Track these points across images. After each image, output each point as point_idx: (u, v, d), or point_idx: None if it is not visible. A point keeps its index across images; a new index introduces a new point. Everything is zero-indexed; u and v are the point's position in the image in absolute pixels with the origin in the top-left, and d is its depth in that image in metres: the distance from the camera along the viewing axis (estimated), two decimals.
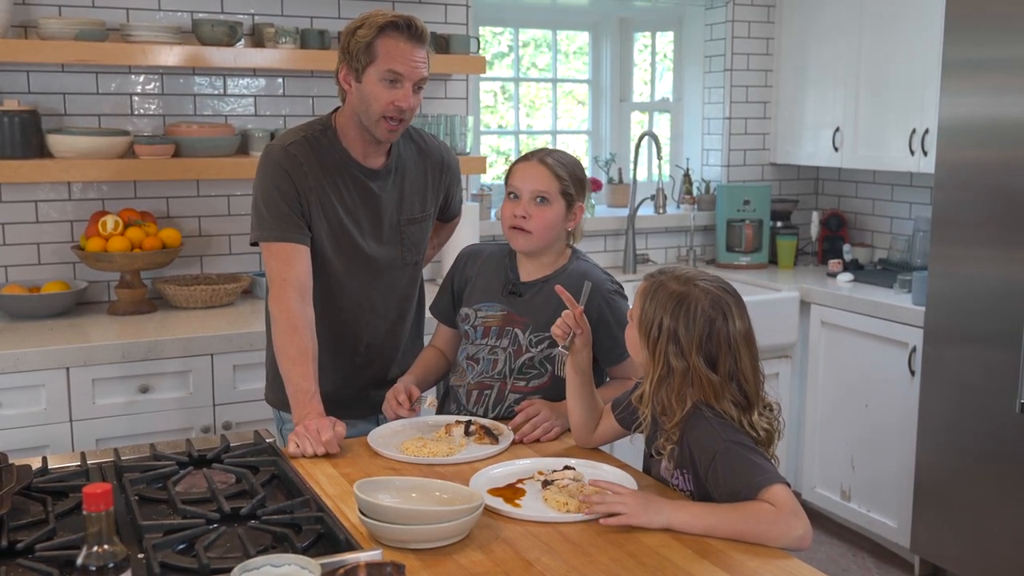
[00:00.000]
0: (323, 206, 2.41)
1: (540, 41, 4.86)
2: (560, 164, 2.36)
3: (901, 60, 4.03)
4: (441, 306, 2.57)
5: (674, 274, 1.95)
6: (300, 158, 2.39)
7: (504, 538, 1.74)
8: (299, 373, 2.26)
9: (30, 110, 3.24)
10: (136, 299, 3.37)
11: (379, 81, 2.33)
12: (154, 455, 2.06)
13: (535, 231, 2.34)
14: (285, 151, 2.40)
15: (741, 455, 1.80)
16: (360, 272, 2.48)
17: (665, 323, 1.88)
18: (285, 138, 2.45)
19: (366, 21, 2.34)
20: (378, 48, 2.31)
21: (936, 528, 3.51)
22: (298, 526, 1.70)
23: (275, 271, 2.36)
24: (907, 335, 3.66)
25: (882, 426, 3.83)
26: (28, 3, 3.31)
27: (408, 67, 2.33)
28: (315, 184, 2.40)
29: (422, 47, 2.36)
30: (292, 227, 2.36)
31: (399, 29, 2.32)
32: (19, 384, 2.86)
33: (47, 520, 1.71)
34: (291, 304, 2.31)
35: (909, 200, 4.48)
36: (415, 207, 2.55)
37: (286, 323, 2.31)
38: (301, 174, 2.38)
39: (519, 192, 2.35)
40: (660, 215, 4.52)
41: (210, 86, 3.63)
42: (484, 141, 4.47)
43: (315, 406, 2.22)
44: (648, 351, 1.92)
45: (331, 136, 2.45)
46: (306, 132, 2.45)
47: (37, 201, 3.42)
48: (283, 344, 2.31)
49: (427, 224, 2.60)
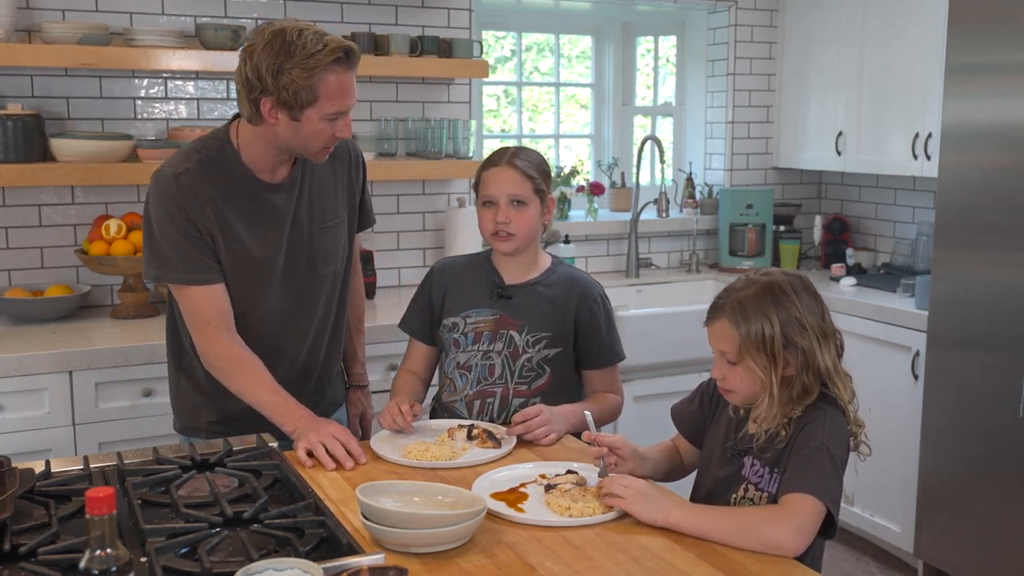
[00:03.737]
0: (224, 235, 2.23)
1: (543, 45, 4.86)
2: (528, 163, 2.35)
3: (903, 64, 4.03)
4: (415, 322, 2.50)
5: (736, 287, 1.90)
6: (194, 189, 2.19)
7: (507, 542, 1.73)
8: (265, 390, 2.21)
9: (33, 114, 3.25)
10: (139, 302, 3.37)
11: (321, 119, 2.14)
12: (157, 459, 2.05)
13: (518, 233, 2.34)
14: (178, 181, 2.18)
15: (821, 461, 1.78)
16: (274, 294, 2.32)
17: (775, 320, 1.83)
18: (176, 163, 2.21)
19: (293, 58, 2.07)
20: (319, 89, 2.10)
21: (940, 533, 3.50)
22: (301, 530, 1.70)
23: (194, 314, 2.23)
24: (910, 339, 3.66)
25: (885, 431, 3.81)
26: (32, 7, 3.32)
27: (351, 100, 2.18)
28: (214, 214, 2.21)
29: (355, 69, 2.18)
30: (201, 267, 2.21)
31: (340, 63, 2.12)
32: (22, 388, 2.86)
33: (50, 524, 1.71)
34: (223, 342, 2.22)
35: (912, 204, 4.47)
36: (326, 213, 2.37)
37: (228, 360, 2.22)
38: (198, 207, 2.19)
39: (495, 199, 2.34)
40: (663, 219, 4.53)
41: (213, 90, 3.63)
42: (487, 145, 4.47)
43: (303, 410, 2.18)
44: (768, 359, 1.84)
45: (229, 153, 2.24)
46: (200, 154, 2.23)
47: (40, 205, 3.42)
48: (237, 379, 2.22)
49: (341, 229, 2.41)
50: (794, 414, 1.86)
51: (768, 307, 1.84)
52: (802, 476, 1.76)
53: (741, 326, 1.84)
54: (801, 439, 1.83)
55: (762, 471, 1.89)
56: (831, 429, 1.82)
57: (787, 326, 1.83)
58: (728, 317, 1.86)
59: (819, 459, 1.78)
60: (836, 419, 1.85)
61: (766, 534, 1.69)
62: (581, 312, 2.38)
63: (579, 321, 2.39)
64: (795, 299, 1.85)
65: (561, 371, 2.38)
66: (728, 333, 1.86)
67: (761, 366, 1.84)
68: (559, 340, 2.38)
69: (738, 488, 1.92)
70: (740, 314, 1.85)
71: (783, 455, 1.85)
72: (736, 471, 1.94)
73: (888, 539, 3.85)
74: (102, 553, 1.30)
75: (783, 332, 1.83)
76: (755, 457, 1.91)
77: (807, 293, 1.88)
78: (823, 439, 1.80)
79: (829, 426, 1.83)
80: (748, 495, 1.91)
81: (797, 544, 1.69)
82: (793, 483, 1.77)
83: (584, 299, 2.39)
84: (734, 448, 1.96)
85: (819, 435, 1.81)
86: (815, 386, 1.86)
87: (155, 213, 2.21)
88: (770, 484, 1.88)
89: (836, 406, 1.87)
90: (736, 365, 1.87)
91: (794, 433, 1.85)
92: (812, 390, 1.85)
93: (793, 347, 1.84)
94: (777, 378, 1.84)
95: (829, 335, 1.88)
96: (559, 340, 2.38)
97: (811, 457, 1.78)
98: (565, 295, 2.39)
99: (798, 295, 1.86)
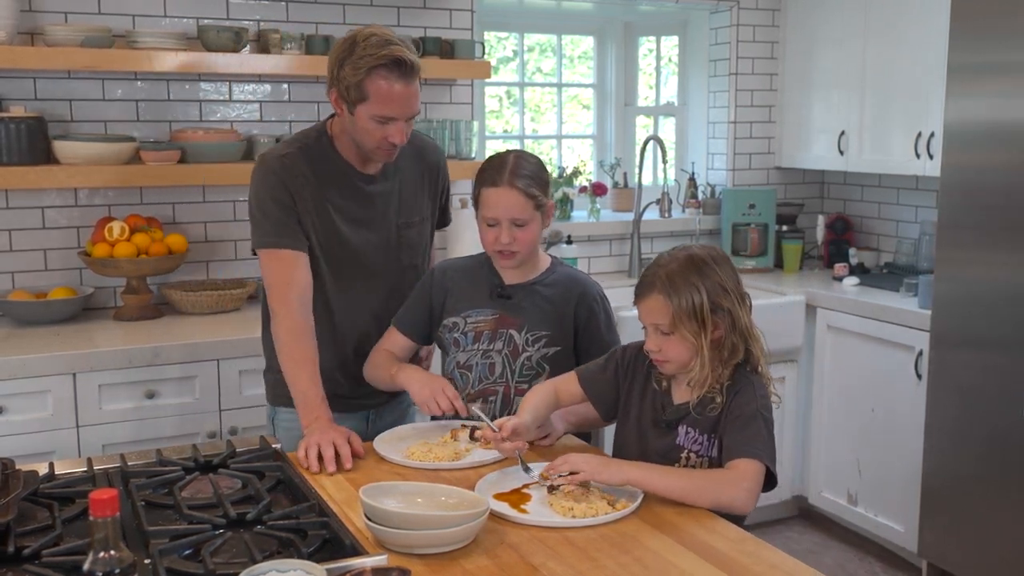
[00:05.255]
0: (319, 214, 2.40)
1: (545, 46, 4.86)
2: (529, 180, 2.31)
3: (906, 63, 4.03)
4: (412, 319, 2.49)
5: (661, 264, 2.03)
6: (295, 168, 2.38)
7: (509, 543, 1.74)
8: (306, 377, 2.27)
9: (36, 116, 3.25)
10: (142, 305, 3.38)
11: (370, 119, 2.29)
12: (160, 460, 2.06)
13: (521, 250, 2.35)
14: (280, 160, 2.39)
15: (758, 427, 1.96)
16: (357, 277, 2.47)
17: (701, 288, 1.97)
18: (279, 148, 2.45)
19: (353, 55, 2.26)
20: (368, 89, 2.26)
21: (943, 532, 3.49)
22: (304, 531, 1.71)
23: (277, 276, 2.37)
24: (913, 339, 3.66)
25: (889, 430, 3.82)
26: (35, 10, 3.32)
27: (400, 109, 2.29)
28: (311, 194, 2.39)
29: (413, 81, 2.29)
30: (290, 234, 2.36)
31: (390, 69, 2.25)
32: (26, 390, 2.86)
33: (53, 526, 1.71)
34: (295, 308, 2.32)
35: (915, 204, 4.47)
36: (412, 210, 2.54)
37: (291, 326, 2.32)
38: (297, 184, 2.38)
39: (496, 221, 2.32)
40: (665, 219, 4.53)
41: (216, 92, 3.64)
42: (489, 146, 4.47)
43: (324, 411, 2.23)
44: (699, 325, 1.97)
45: (326, 143, 2.43)
46: (300, 142, 2.43)
47: (43, 207, 3.42)
48: (289, 346, 2.31)
49: (425, 227, 2.59)
50: (725, 381, 2.01)
51: (694, 277, 1.98)
52: (745, 442, 1.94)
53: (673, 298, 1.98)
54: (736, 406, 1.99)
55: (699, 438, 2.03)
56: (760, 395, 2.00)
57: (712, 292, 1.98)
58: (660, 291, 2.00)
59: (756, 425, 1.96)
60: (760, 385, 2.02)
61: (721, 496, 1.89)
62: (580, 311, 2.39)
63: (579, 320, 2.40)
64: (715, 267, 2.01)
65: (561, 370, 2.38)
66: (661, 306, 1.99)
67: (693, 332, 1.98)
68: (558, 339, 2.38)
69: (679, 456, 2.04)
70: (671, 287, 1.98)
71: (719, 421, 2.01)
72: (671, 441, 2.06)
73: (892, 539, 3.85)
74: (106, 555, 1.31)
75: (710, 298, 1.98)
76: (689, 425, 2.04)
77: (724, 261, 2.04)
78: (756, 406, 1.98)
79: (759, 393, 2.00)
80: (691, 463, 2.03)
81: (748, 505, 1.90)
82: (738, 449, 1.94)
83: (583, 298, 2.40)
84: (667, 420, 2.07)
85: (752, 402, 1.98)
86: (741, 345, 2.02)
87: (256, 190, 2.41)
88: (710, 449, 2.02)
89: (757, 372, 2.04)
90: (671, 335, 2.00)
91: (727, 400, 2.00)
92: (739, 349, 2.02)
93: (720, 311, 1.99)
94: (707, 341, 1.98)
95: (745, 297, 2.05)
96: (558, 339, 2.38)
97: (748, 424, 1.96)
98: (564, 294, 2.39)
99: (718, 264, 2.02)
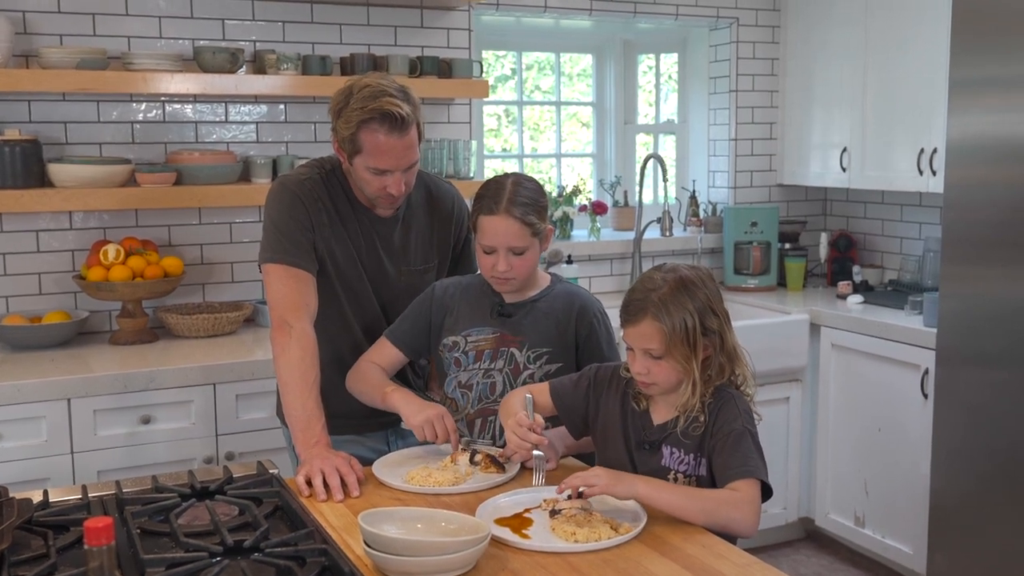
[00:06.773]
0: (332, 242, 2.41)
1: (543, 64, 4.85)
2: (526, 207, 2.26)
3: (907, 79, 4.01)
4: (406, 333, 2.45)
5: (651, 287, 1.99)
6: (316, 193, 2.40)
7: (512, 569, 1.70)
8: (313, 400, 2.24)
9: (31, 139, 3.23)
10: (138, 328, 3.35)
11: (366, 170, 2.31)
12: (156, 487, 2.04)
13: (519, 276, 2.32)
14: (302, 184, 2.41)
15: (748, 445, 1.94)
16: (361, 308, 2.49)
17: (693, 312, 1.95)
18: (301, 172, 2.46)
19: (347, 107, 2.27)
20: (362, 142, 2.28)
21: (953, 553, 3.45)
22: (302, 558, 1.68)
23: (293, 293, 2.35)
24: (919, 357, 3.62)
25: (895, 450, 3.78)
26: (29, 32, 3.31)
27: (394, 161, 2.29)
28: (328, 220, 2.41)
29: (406, 133, 2.28)
30: (305, 255, 2.37)
31: (380, 123, 2.25)
32: (20, 416, 2.83)
33: (48, 555, 1.69)
34: (308, 328, 2.31)
35: (918, 220, 4.45)
36: (417, 259, 2.53)
37: (306, 344, 2.29)
38: (317, 209, 2.39)
39: (494, 249, 2.28)
40: (667, 238, 4.50)
41: (212, 113, 3.62)
42: (488, 165, 4.45)
43: (325, 436, 2.20)
44: (689, 350, 1.95)
45: (339, 178, 2.45)
46: (320, 169, 2.45)
47: (38, 231, 3.40)
48: (302, 364, 2.27)
49: (429, 275, 2.55)
50: (707, 399, 2.00)
51: (685, 300, 1.96)
52: (741, 462, 1.93)
53: (667, 323, 1.95)
54: (721, 423, 1.97)
55: (685, 457, 2.01)
56: (743, 410, 1.99)
57: (702, 314, 1.97)
58: (653, 316, 1.97)
59: (746, 444, 1.95)
60: (741, 400, 2.01)
61: (731, 518, 1.87)
62: (581, 327, 2.37)
63: (579, 336, 2.37)
64: (704, 288, 2.00)
65: None
66: (655, 331, 1.96)
67: (684, 357, 1.96)
68: (560, 355, 2.36)
69: (666, 478, 2.01)
70: (664, 312, 1.96)
71: (703, 440, 1.99)
72: (657, 462, 2.04)
73: (900, 561, 3.81)
74: None
75: (700, 320, 1.96)
76: (673, 445, 2.02)
77: (710, 280, 2.04)
78: (742, 422, 1.97)
79: (741, 408, 1.99)
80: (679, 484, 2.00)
81: (756, 527, 1.89)
82: (736, 470, 1.92)
83: (584, 313, 2.37)
84: (649, 441, 2.05)
85: (737, 418, 1.97)
86: (728, 365, 2.01)
87: (276, 208, 2.40)
88: (696, 468, 2.00)
89: (735, 388, 2.03)
90: (660, 359, 1.98)
91: (709, 418, 1.99)
92: (725, 369, 2.02)
93: (711, 333, 1.98)
94: (698, 364, 1.97)
95: (728, 316, 2.05)
96: (560, 355, 2.36)
97: (739, 443, 1.94)
98: (565, 310, 2.37)
99: (705, 284, 2.01)
